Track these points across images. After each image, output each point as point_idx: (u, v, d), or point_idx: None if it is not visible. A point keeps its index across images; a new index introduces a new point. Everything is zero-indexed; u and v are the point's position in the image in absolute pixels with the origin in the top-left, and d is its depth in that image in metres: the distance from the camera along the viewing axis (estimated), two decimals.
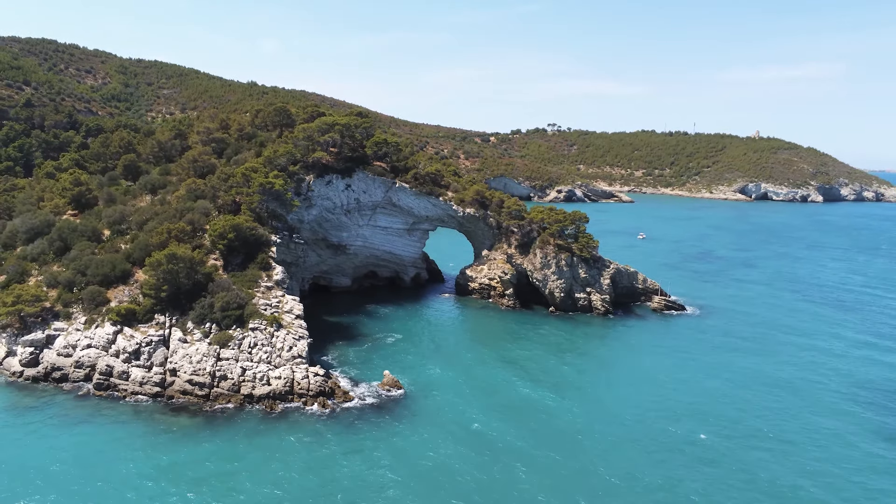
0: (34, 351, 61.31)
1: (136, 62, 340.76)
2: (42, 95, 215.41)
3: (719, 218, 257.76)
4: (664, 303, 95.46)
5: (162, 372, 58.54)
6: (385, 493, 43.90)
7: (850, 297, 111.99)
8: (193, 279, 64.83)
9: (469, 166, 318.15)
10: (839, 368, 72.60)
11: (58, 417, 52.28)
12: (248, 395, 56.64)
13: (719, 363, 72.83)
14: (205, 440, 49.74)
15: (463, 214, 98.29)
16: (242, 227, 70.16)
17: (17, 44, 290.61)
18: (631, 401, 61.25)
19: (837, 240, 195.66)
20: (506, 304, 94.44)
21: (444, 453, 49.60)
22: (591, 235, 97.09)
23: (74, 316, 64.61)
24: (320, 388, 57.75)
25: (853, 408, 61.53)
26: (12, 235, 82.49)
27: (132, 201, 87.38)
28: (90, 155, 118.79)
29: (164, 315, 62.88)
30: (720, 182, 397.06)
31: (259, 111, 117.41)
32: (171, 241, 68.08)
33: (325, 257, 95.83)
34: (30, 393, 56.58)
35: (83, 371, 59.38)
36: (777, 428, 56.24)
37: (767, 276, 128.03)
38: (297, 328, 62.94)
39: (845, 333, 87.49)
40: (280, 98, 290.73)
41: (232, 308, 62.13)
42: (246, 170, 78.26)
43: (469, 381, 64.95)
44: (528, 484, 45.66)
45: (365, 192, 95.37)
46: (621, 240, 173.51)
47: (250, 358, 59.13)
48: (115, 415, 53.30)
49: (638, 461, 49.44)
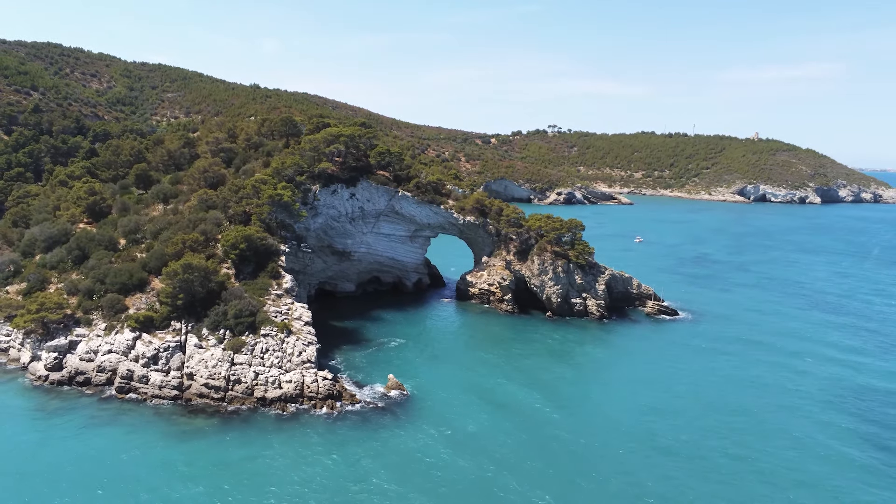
0: (58, 356, 64.84)
1: (140, 65, 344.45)
2: (49, 100, 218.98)
3: (717, 221, 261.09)
4: (657, 308, 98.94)
5: (179, 376, 62.08)
6: (389, 492, 47.36)
7: (838, 301, 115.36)
8: (207, 287, 68.35)
9: (470, 169, 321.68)
10: (813, 373, 75.91)
11: (84, 419, 55.80)
12: (261, 397, 60.17)
13: (704, 368, 76.11)
14: (222, 440, 53.25)
15: (463, 222, 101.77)
16: (253, 237, 73.68)
17: (23, 48, 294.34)
18: (620, 404, 64.68)
19: (831, 243, 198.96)
20: (504, 308, 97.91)
21: (445, 454, 53.06)
22: (587, 243, 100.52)
23: (95, 322, 68.12)
24: (328, 392, 61.23)
25: (821, 409, 64.95)
26: (31, 243, 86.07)
27: (145, 210, 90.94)
28: (101, 163, 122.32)
29: (181, 322, 66.41)
30: (719, 184, 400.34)
31: (265, 120, 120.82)
32: (185, 251, 71.58)
33: (331, 264, 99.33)
34: (56, 396, 60.12)
35: (105, 375, 62.91)
36: (751, 430, 59.67)
37: (759, 281, 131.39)
38: (306, 334, 66.44)
39: (829, 338, 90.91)
40: (283, 101, 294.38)
41: (244, 315, 65.65)
42: (256, 182, 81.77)
43: (469, 384, 68.43)
44: (525, 481, 49.13)
45: (369, 201, 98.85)
46: (619, 243, 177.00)
47: (262, 363, 62.65)
48: (137, 416, 56.84)
49: (623, 461, 52.90)
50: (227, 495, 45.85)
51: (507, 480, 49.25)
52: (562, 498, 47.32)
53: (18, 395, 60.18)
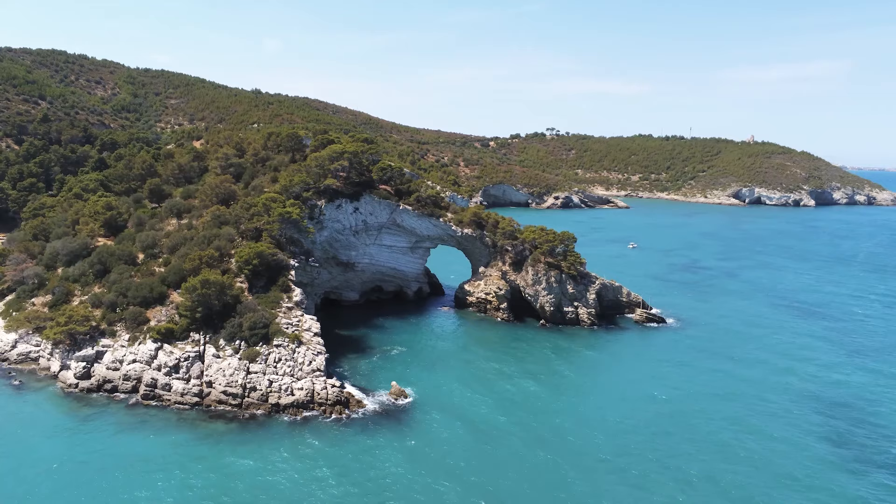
0: (86, 365, 70.14)
1: (143, 72, 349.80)
2: (57, 109, 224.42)
3: (710, 225, 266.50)
4: (645, 315, 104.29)
5: (199, 384, 67.40)
6: (392, 491, 52.68)
7: (818, 310, 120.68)
8: (223, 301, 73.64)
9: (469, 174, 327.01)
10: (788, 380, 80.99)
11: (114, 424, 61.12)
12: (275, 404, 65.48)
13: (685, 375, 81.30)
14: (241, 443, 58.58)
15: (461, 234, 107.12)
16: (265, 253, 79.02)
17: (29, 55, 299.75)
18: (605, 408, 70.05)
19: (818, 248, 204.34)
20: (500, 317, 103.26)
21: (445, 455, 58.38)
22: (579, 254, 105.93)
23: (119, 334, 73.42)
24: (337, 398, 66.53)
25: (795, 410, 70.28)
26: (53, 257, 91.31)
27: (159, 224, 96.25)
28: (114, 175, 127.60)
29: (199, 333, 71.72)
30: (715, 187, 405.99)
31: (271, 133, 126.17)
32: (202, 266, 76.85)
33: (336, 274, 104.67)
34: (87, 403, 65.43)
35: (130, 383, 68.22)
36: (726, 435, 65.04)
37: (746, 288, 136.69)
38: (316, 344, 71.76)
39: (805, 346, 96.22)
40: (284, 108, 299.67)
41: (258, 327, 70.95)
42: (266, 200, 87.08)
43: (467, 390, 73.75)
44: (520, 478, 54.47)
45: (371, 214, 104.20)
46: (613, 249, 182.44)
47: (276, 371, 67.95)
48: (162, 421, 62.18)
49: (603, 462, 58.32)
50: (246, 493, 51.11)
51: (504, 478, 54.53)
52: (554, 493, 52.59)
53: (53, 400, 65.58)
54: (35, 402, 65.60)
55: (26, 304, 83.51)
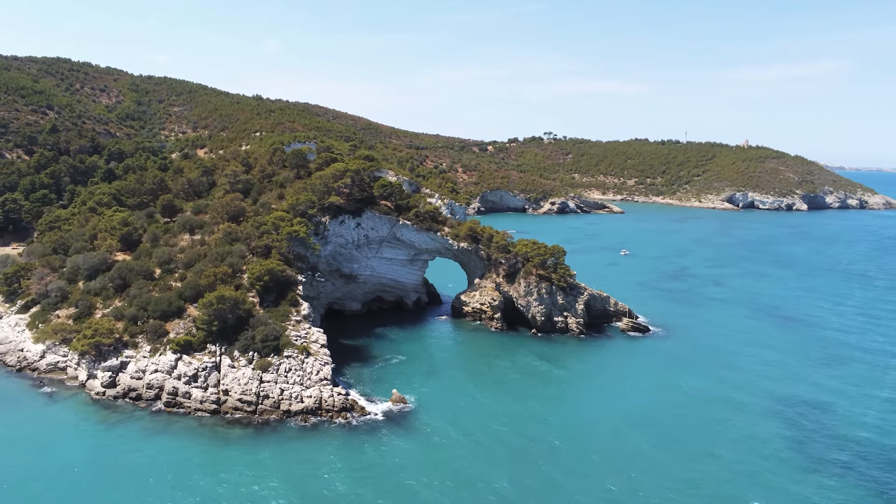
0: (112, 375, 76.25)
1: (147, 79, 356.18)
2: (65, 119, 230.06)
3: (703, 230, 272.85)
4: (631, 325, 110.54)
5: (217, 392, 73.51)
6: (395, 491, 58.83)
7: (798, 317, 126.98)
8: (237, 315, 79.76)
9: (467, 179, 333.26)
10: (762, 386, 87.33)
11: (140, 430, 67.23)
12: (286, 410, 71.63)
13: (664, 382, 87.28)
14: (257, 446, 64.74)
15: (457, 248, 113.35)
16: (275, 270, 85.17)
17: (35, 64, 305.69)
18: (589, 413, 76.28)
19: (805, 255, 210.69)
20: (494, 326, 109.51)
21: (446, 456, 64.54)
22: (569, 267, 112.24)
23: (140, 345, 79.50)
24: (343, 405, 72.68)
25: (754, 420, 76.52)
26: (74, 271, 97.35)
27: (173, 239, 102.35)
28: (126, 189, 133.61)
29: (215, 345, 77.83)
30: (709, 191, 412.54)
31: (276, 150, 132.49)
32: (217, 283, 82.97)
33: (339, 286, 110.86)
34: (114, 410, 71.53)
35: (153, 391, 74.32)
36: (701, 441, 71.32)
37: (731, 296, 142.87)
38: (323, 355, 77.91)
39: (782, 353, 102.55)
40: (286, 116, 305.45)
41: (270, 339, 77.09)
42: (275, 219, 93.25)
43: (464, 396, 79.97)
44: (517, 477, 60.67)
45: (373, 229, 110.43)
46: (605, 256, 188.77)
47: (286, 380, 74.09)
48: (184, 427, 68.29)
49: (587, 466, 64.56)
50: (262, 493, 57.25)
51: (501, 477, 60.71)
52: (548, 492, 58.77)
53: (83, 407, 71.67)
54: (67, 408, 71.69)
55: (51, 315, 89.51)
